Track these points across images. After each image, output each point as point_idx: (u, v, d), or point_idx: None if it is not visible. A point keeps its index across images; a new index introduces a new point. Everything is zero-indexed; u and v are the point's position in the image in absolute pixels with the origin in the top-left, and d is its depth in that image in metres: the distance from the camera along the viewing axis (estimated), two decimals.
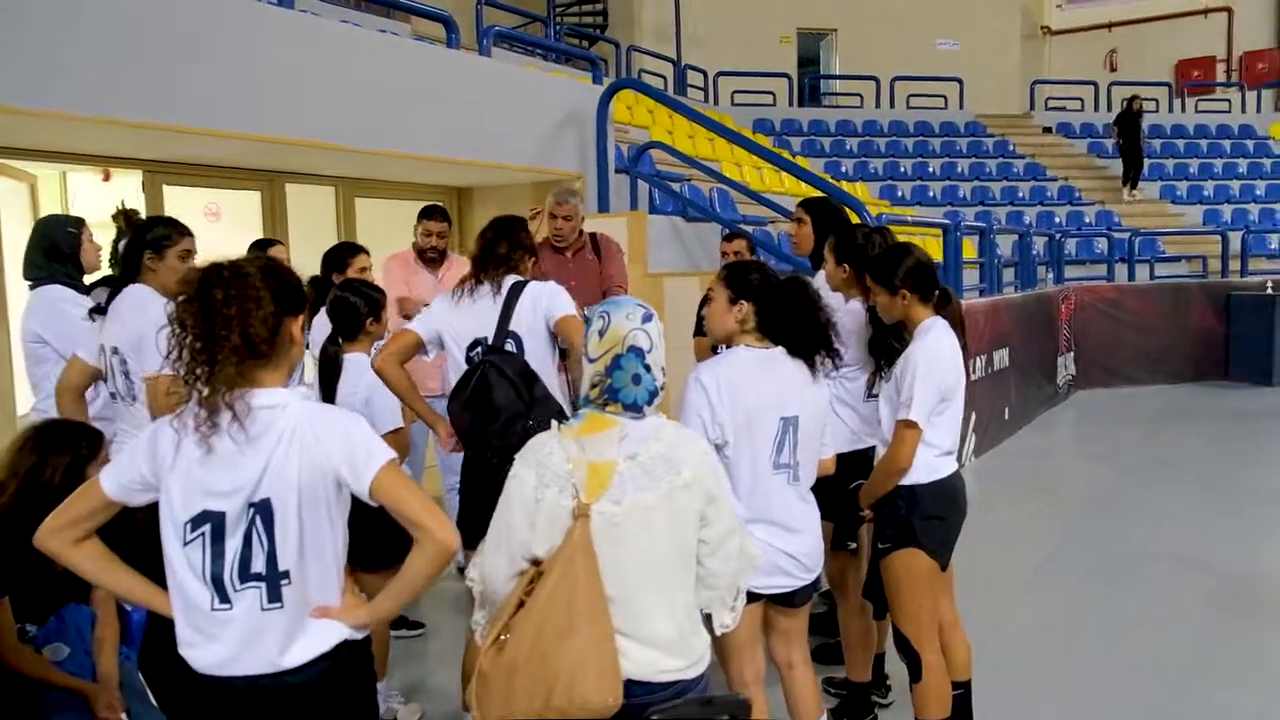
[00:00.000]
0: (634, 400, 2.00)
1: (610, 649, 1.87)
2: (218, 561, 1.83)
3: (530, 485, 1.96)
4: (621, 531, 1.92)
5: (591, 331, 2.07)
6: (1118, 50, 21.32)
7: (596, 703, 1.83)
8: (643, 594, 1.94)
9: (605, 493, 1.92)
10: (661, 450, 1.98)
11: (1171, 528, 6.06)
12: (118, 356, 3.17)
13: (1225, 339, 12.33)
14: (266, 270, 1.88)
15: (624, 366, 2.01)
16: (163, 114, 4.97)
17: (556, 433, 2.02)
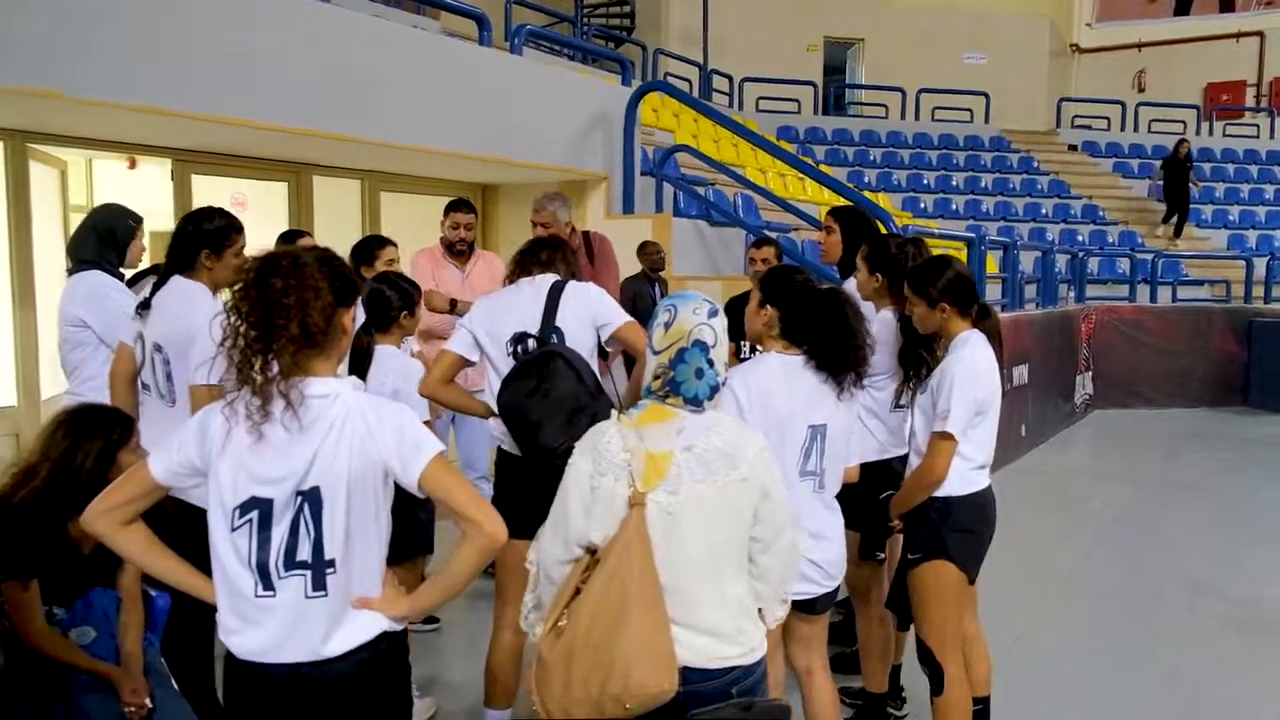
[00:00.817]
0: (695, 394, 2.02)
1: (665, 637, 1.89)
2: (264, 548, 1.84)
3: (586, 473, 1.98)
4: (677, 522, 1.94)
5: (656, 324, 2.09)
6: (1146, 71, 21.16)
7: (653, 688, 1.86)
8: (696, 584, 1.96)
9: (662, 483, 1.94)
10: (719, 444, 2.00)
11: (1189, 551, 6.02)
12: (160, 354, 3.07)
13: (1246, 365, 12.22)
14: (323, 261, 1.90)
15: (687, 360, 2.03)
16: (194, 103, 5.00)
17: (616, 421, 2.03)
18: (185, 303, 3.02)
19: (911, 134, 16.69)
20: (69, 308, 3.49)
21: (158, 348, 3.05)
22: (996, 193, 15.46)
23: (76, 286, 3.50)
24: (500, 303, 3.13)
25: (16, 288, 5.14)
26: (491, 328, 3.07)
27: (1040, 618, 4.68)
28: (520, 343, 3.02)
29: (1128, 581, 5.35)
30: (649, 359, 2.09)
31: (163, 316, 3.05)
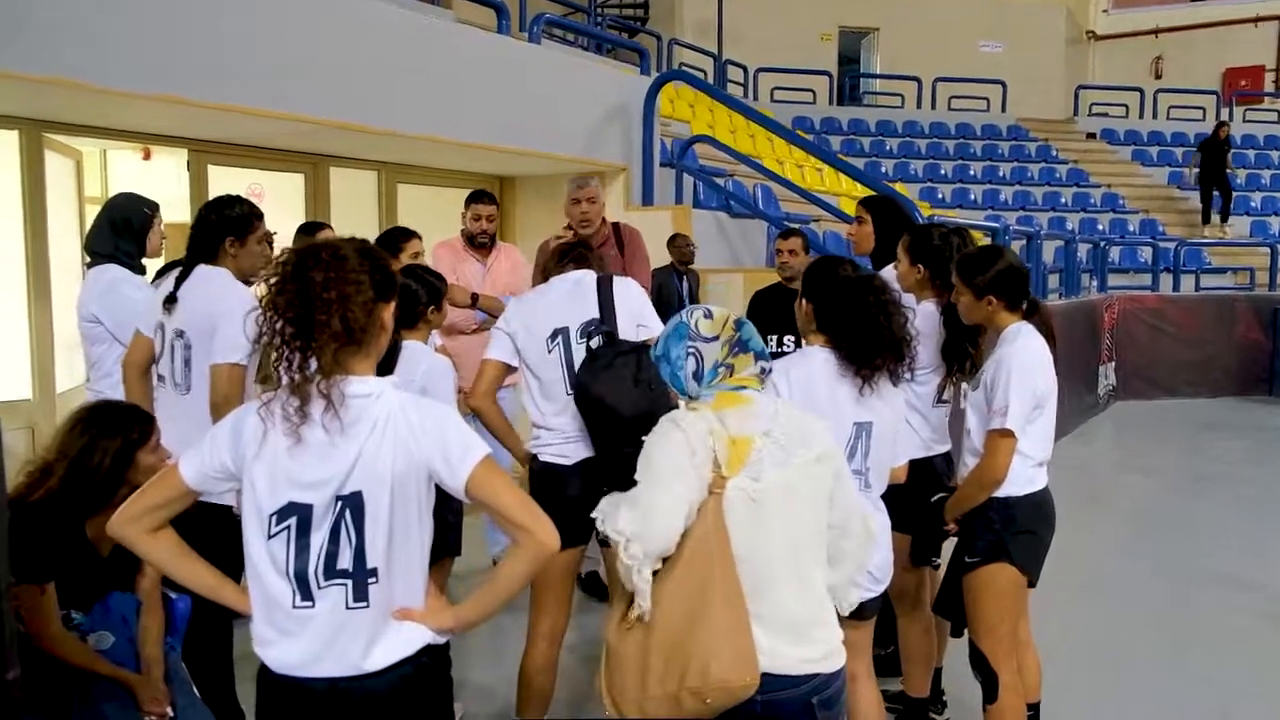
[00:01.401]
0: (761, 349, 2.04)
1: (746, 632, 1.84)
2: (302, 556, 1.75)
3: (685, 440, 1.90)
4: (761, 509, 1.88)
5: (695, 319, 2.05)
6: (1164, 57, 20.93)
7: (735, 682, 1.80)
8: (777, 575, 1.91)
9: (744, 468, 1.88)
10: (793, 427, 1.96)
11: (1218, 544, 5.92)
12: (182, 340, 3.01)
13: (1271, 354, 12.07)
14: (364, 253, 1.80)
15: (746, 323, 2.04)
16: (211, 92, 4.92)
17: (692, 409, 1.97)
18: (210, 289, 2.98)
19: (928, 123, 16.51)
20: (85, 302, 3.43)
21: (179, 334, 3.00)
22: (1015, 182, 15.28)
23: (94, 281, 3.44)
24: (535, 301, 3.03)
25: (32, 280, 5.07)
26: (531, 323, 2.96)
27: (1071, 616, 4.56)
28: (555, 338, 2.91)
29: (1158, 578, 5.23)
30: (705, 349, 2.03)
31: (188, 305, 3.01)
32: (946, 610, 2.98)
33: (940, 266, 3.11)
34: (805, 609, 1.95)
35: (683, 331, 2.04)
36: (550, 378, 2.94)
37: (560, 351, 2.92)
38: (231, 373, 2.93)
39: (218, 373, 2.92)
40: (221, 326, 2.91)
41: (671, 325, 2.08)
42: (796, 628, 1.93)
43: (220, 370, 2.93)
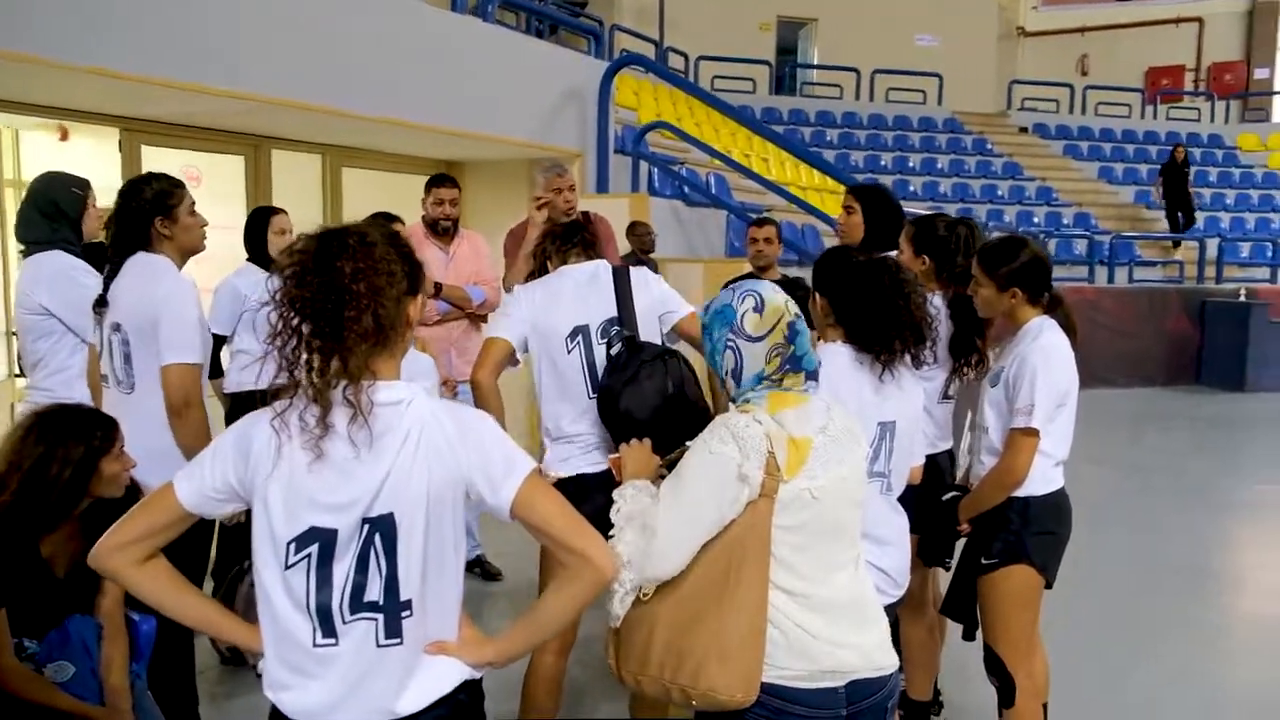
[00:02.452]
0: (813, 366, 1.91)
1: (757, 646, 1.75)
2: (325, 588, 1.52)
3: (735, 460, 1.77)
4: (823, 505, 1.80)
5: (743, 312, 1.89)
6: (1089, 55, 21.43)
7: (723, 694, 1.74)
8: (836, 562, 1.86)
9: (803, 469, 1.79)
10: (844, 423, 1.89)
11: (1172, 535, 5.97)
12: (119, 335, 2.76)
13: (1199, 345, 12.40)
14: (392, 239, 1.58)
15: (801, 332, 1.90)
16: (145, 66, 4.60)
17: (747, 411, 1.84)
18: (145, 277, 2.75)
19: (867, 115, 16.58)
20: (30, 293, 3.10)
21: (116, 327, 2.77)
22: (953, 174, 15.43)
23: (37, 270, 3.11)
24: (545, 295, 2.78)
25: None
26: (544, 321, 2.75)
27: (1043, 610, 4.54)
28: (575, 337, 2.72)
29: (1123, 570, 5.24)
30: (747, 350, 1.87)
31: (124, 297, 2.77)
32: (957, 613, 2.87)
33: (946, 258, 3.00)
34: (862, 592, 1.91)
35: (728, 318, 1.90)
36: (570, 379, 2.74)
37: (580, 352, 2.73)
38: (186, 373, 2.70)
39: (171, 375, 2.68)
40: (165, 322, 2.69)
41: (719, 303, 1.94)
42: (860, 612, 1.87)
43: (172, 372, 2.69)
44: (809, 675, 1.79)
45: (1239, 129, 18.35)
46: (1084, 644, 4.12)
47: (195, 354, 2.73)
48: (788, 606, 1.80)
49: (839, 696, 1.81)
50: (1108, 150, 17.03)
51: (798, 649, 1.79)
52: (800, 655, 1.79)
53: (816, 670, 1.79)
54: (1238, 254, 13.98)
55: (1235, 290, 12.43)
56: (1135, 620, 4.54)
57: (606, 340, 2.71)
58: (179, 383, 2.68)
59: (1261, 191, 16.14)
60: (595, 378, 2.71)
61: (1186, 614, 4.63)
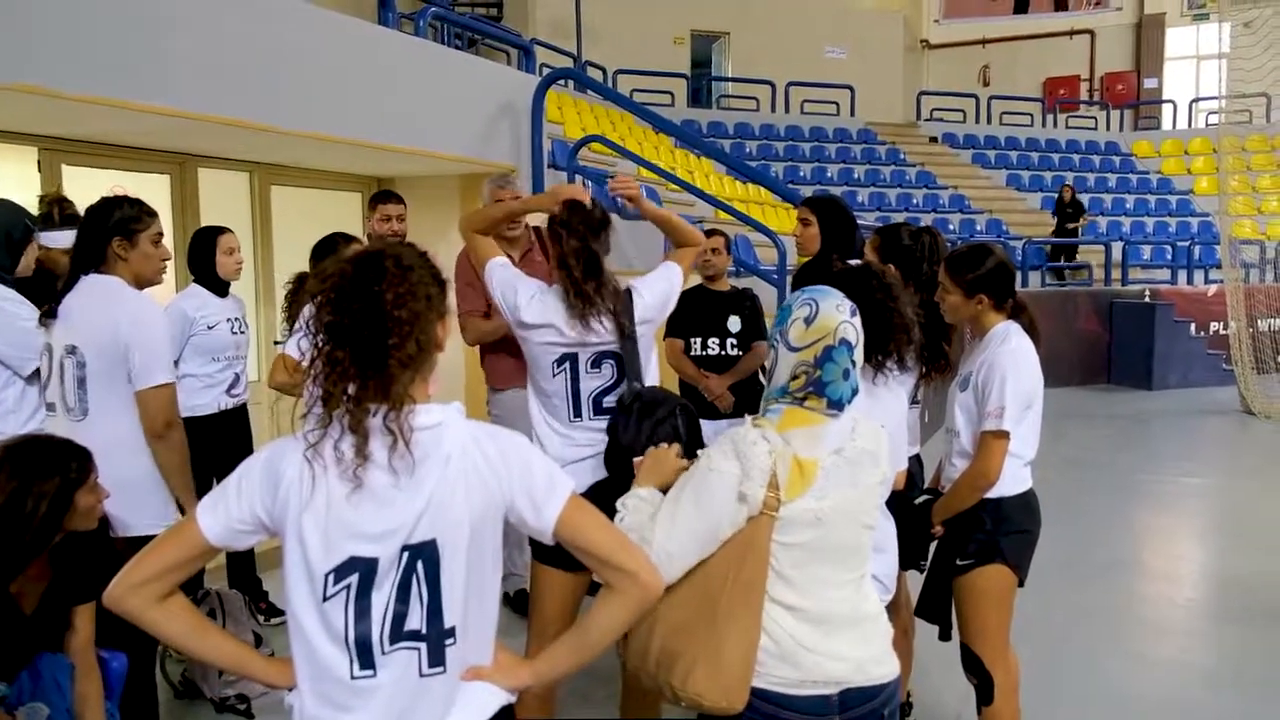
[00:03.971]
0: (840, 397, 1.85)
1: (748, 658, 1.78)
2: (364, 619, 1.47)
3: (736, 478, 1.78)
4: (825, 527, 1.80)
5: (794, 319, 1.87)
6: (990, 66, 22.17)
7: (708, 700, 1.78)
8: (836, 580, 1.86)
9: (809, 489, 1.78)
10: (865, 445, 1.88)
11: (1107, 530, 6.18)
12: (73, 358, 2.68)
13: (1108, 345, 12.90)
14: (426, 261, 1.55)
15: (835, 360, 1.84)
16: (69, 82, 4.41)
17: (754, 426, 1.84)
18: (104, 299, 2.71)
19: (783, 127, 16.88)
20: None
21: (70, 350, 2.69)
22: (869, 184, 15.81)
23: None
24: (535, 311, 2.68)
25: None
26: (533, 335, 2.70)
27: None
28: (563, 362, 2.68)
29: (1067, 566, 5.40)
30: (782, 354, 1.87)
31: (77, 315, 2.71)
32: (932, 614, 2.93)
33: (912, 265, 3.07)
34: (864, 609, 1.91)
35: (782, 318, 1.91)
36: (553, 393, 2.72)
37: (566, 378, 2.70)
38: (163, 394, 2.69)
39: (149, 399, 2.66)
40: (136, 347, 2.66)
41: (788, 301, 1.94)
42: (858, 628, 1.88)
43: (150, 396, 2.68)
44: (798, 683, 1.81)
45: (1133, 136, 19.20)
46: (1040, 639, 4.24)
47: (169, 373, 2.73)
48: (784, 619, 1.82)
49: (831, 703, 1.82)
50: (1014, 158, 17.65)
51: (789, 658, 1.81)
52: (790, 664, 1.81)
53: (805, 679, 1.81)
54: (1140, 257, 14.61)
55: (1140, 292, 12.98)
56: (1083, 610, 4.69)
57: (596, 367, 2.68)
58: (158, 405, 2.67)
59: (1157, 196, 16.91)
60: (577, 403, 2.69)
61: (1128, 604, 4.81)
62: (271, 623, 4.11)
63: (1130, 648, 4.32)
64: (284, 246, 6.70)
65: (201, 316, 3.99)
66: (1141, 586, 5.24)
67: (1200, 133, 18.29)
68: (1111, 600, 4.92)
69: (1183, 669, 4.12)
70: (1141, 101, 20.81)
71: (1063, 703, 3.68)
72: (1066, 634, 4.38)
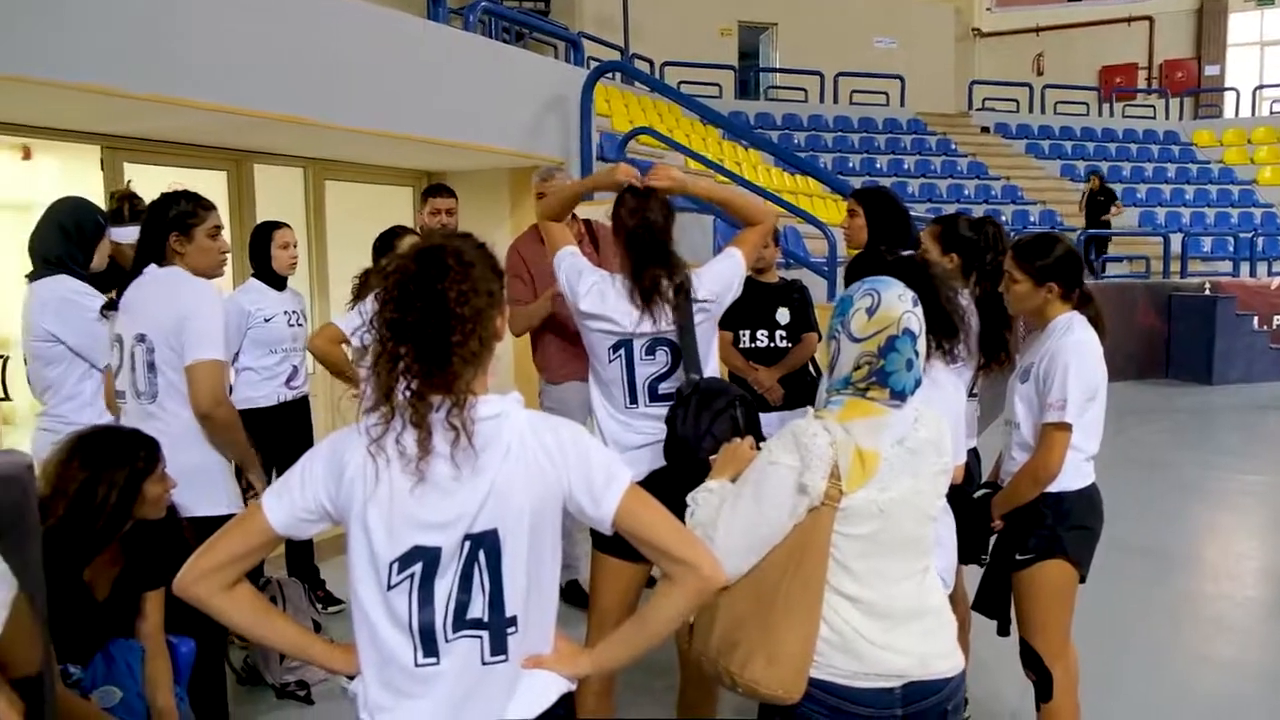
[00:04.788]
0: (903, 387, 1.84)
1: (806, 649, 1.79)
2: (427, 607, 1.49)
3: (796, 470, 1.77)
4: (888, 518, 1.79)
5: (857, 309, 1.86)
6: (1044, 54, 21.78)
7: (763, 688, 1.78)
8: (900, 572, 1.85)
9: (871, 480, 1.77)
10: (926, 435, 1.86)
11: (1163, 528, 6.04)
12: (143, 345, 2.75)
13: (1167, 338, 12.63)
14: (485, 254, 1.57)
15: (899, 349, 1.83)
16: (130, 81, 4.51)
17: (819, 417, 1.83)
18: (166, 288, 2.79)
19: (832, 117, 16.74)
20: (38, 320, 3.05)
21: (140, 338, 2.76)
22: (920, 175, 15.62)
23: (44, 295, 3.08)
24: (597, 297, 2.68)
25: None
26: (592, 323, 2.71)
27: None
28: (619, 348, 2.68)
29: (1124, 565, 5.29)
30: (845, 346, 1.86)
31: (143, 306, 2.80)
32: (989, 609, 2.89)
33: (975, 254, 3.03)
34: (927, 602, 1.91)
35: (843, 309, 1.89)
36: (610, 380, 2.74)
37: (621, 365, 2.70)
38: (212, 369, 2.72)
39: (196, 373, 2.69)
40: (190, 323, 2.72)
41: (848, 291, 1.92)
42: (920, 621, 1.87)
43: (196, 370, 2.70)
44: (859, 674, 1.80)
45: (1193, 125, 18.75)
46: (1100, 635, 4.17)
47: (219, 352, 2.76)
48: (845, 610, 1.81)
49: (894, 696, 1.81)
50: (1069, 148, 17.32)
51: (849, 649, 1.80)
52: (851, 655, 1.80)
53: (866, 670, 1.80)
54: (1200, 248, 14.28)
55: (1200, 284, 12.68)
56: (1141, 607, 4.61)
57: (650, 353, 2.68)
58: (204, 380, 2.69)
59: (1219, 186, 16.49)
60: (633, 389, 2.70)
61: (1186, 599, 4.71)
62: (329, 611, 4.17)
63: (1189, 645, 4.24)
64: (337, 241, 6.79)
65: (258, 310, 4.06)
66: (1200, 584, 5.13)
67: (1264, 121, 17.82)
68: (1170, 597, 4.83)
69: (1241, 667, 4.04)
70: (1202, 89, 20.31)
71: (1120, 700, 3.62)
72: (1124, 630, 4.31)
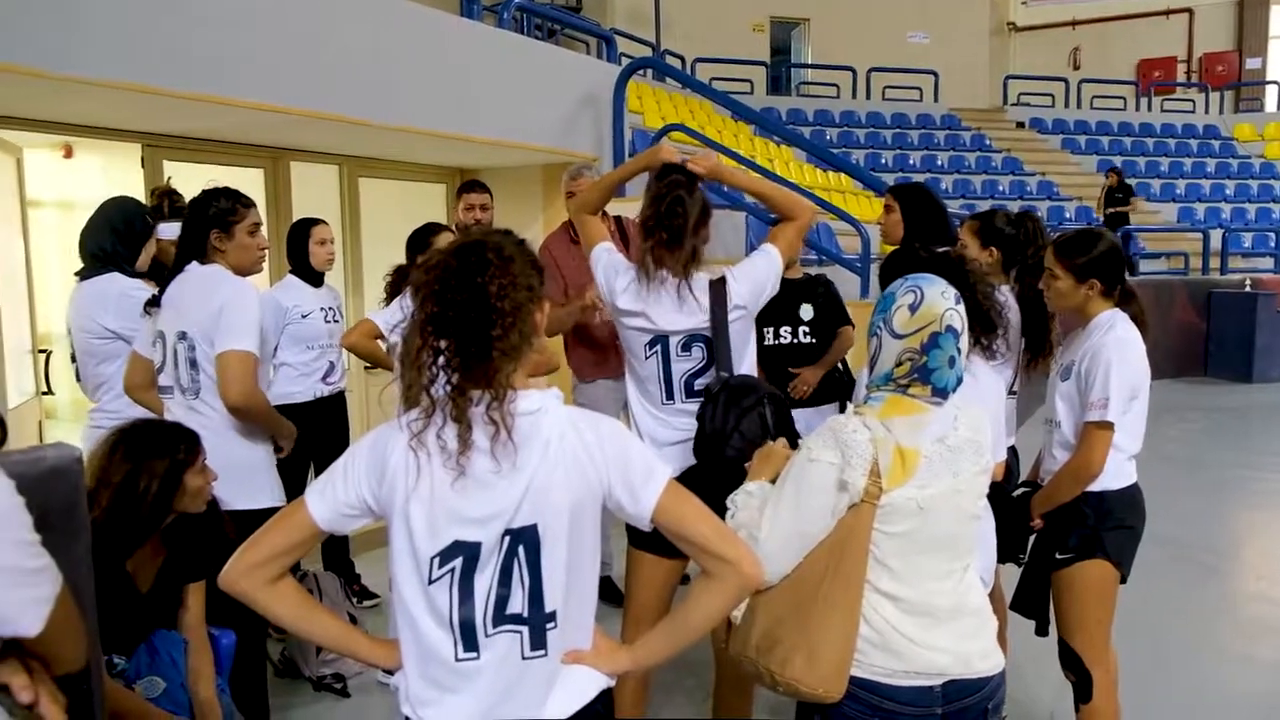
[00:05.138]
0: (945, 384, 1.83)
1: (846, 646, 1.79)
2: (467, 602, 1.51)
3: (836, 467, 1.77)
4: (926, 516, 1.79)
5: (898, 306, 1.85)
6: (1081, 48, 21.52)
7: (805, 686, 1.79)
8: (938, 571, 1.85)
9: (910, 479, 1.76)
10: (968, 434, 1.85)
11: (1202, 527, 5.95)
12: (185, 342, 2.80)
13: (1205, 336, 12.44)
14: (524, 249, 1.57)
15: (942, 346, 1.82)
16: (177, 81, 4.57)
17: (859, 414, 1.83)
18: (207, 285, 2.83)
19: (864, 113, 16.62)
20: (95, 315, 3.11)
21: (182, 335, 2.80)
22: (953, 170, 15.47)
23: (98, 292, 3.13)
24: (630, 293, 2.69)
25: None
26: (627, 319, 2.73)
27: None
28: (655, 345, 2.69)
29: (1162, 564, 5.22)
30: (887, 343, 1.84)
31: (184, 303, 2.84)
32: (1028, 609, 2.86)
33: (1015, 249, 3.00)
34: (968, 601, 1.89)
35: (885, 305, 1.88)
36: (646, 377, 2.74)
37: (658, 361, 2.71)
38: (243, 359, 2.74)
39: (225, 362, 2.72)
40: (224, 316, 2.76)
41: (890, 288, 1.91)
42: (959, 621, 1.86)
43: (226, 359, 2.73)
44: (899, 673, 1.80)
45: (1234, 119, 18.43)
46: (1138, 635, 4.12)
47: (252, 344, 2.77)
48: (884, 608, 1.81)
49: (934, 694, 1.81)
50: (1105, 143, 17.09)
51: (889, 647, 1.80)
52: (891, 654, 1.80)
53: (906, 669, 1.79)
54: (1240, 244, 14.04)
55: (1241, 281, 12.48)
56: (1180, 608, 4.55)
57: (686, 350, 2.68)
58: (234, 369, 2.71)
59: (1260, 181, 16.20)
60: (669, 385, 2.69)
61: (1225, 600, 4.64)
62: (364, 605, 4.21)
63: (1228, 646, 4.18)
64: (372, 237, 6.84)
65: (295, 306, 4.10)
66: (1241, 584, 5.06)
67: None
68: (1209, 598, 4.76)
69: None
70: (1243, 83, 19.97)
71: (1159, 701, 3.57)
72: (1163, 631, 4.25)
